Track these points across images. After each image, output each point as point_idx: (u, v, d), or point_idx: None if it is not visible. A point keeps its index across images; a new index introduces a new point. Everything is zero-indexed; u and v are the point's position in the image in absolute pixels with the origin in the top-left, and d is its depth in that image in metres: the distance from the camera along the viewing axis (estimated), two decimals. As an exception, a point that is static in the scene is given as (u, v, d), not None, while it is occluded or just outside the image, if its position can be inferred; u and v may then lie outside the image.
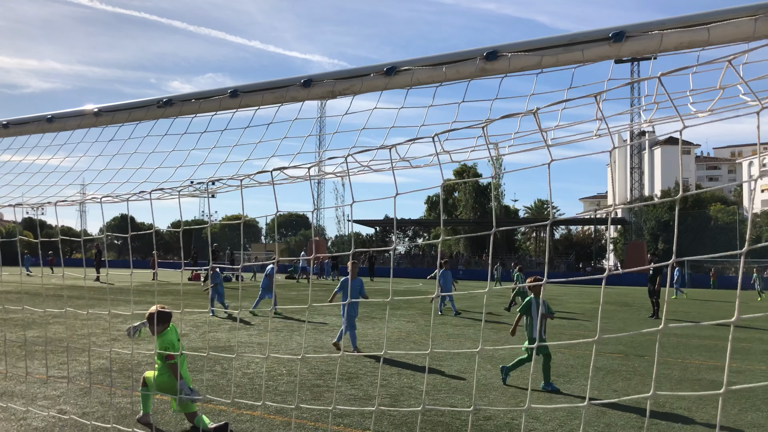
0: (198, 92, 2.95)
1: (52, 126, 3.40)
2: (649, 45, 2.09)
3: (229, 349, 10.95)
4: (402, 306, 21.23)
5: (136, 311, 16.90)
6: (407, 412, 6.80)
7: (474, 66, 2.34)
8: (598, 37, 2.16)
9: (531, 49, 2.24)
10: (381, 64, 2.52)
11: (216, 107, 2.90)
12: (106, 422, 6.09)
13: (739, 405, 7.62)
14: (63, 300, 18.98)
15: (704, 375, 9.47)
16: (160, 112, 3.02)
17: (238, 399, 7.18)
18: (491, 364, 9.85)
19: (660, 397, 7.91)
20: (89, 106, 3.29)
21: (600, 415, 6.94)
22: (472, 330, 14.80)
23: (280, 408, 6.79)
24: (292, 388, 7.82)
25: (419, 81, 2.47)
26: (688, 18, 2.03)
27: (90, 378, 8.06)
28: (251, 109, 2.85)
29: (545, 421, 6.59)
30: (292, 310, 18.30)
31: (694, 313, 21.13)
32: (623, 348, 12.31)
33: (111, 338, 11.72)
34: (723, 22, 1.97)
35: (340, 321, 16.04)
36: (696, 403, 7.66)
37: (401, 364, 9.72)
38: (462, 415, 6.75)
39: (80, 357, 9.66)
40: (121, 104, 3.19)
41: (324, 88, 2.67)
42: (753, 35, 1.93)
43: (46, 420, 6.17)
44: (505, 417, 6.76)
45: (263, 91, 2.79)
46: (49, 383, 7.80)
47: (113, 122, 3.20)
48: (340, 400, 7.30)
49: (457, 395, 7.75)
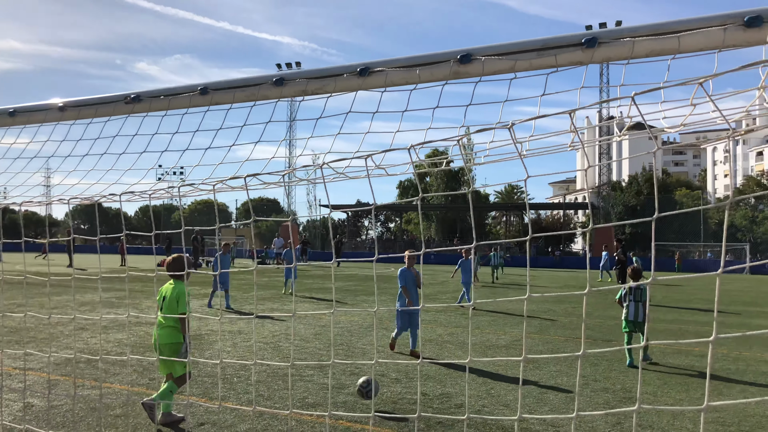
0: (167, 89, 2.89)
1: (15, 120, 3.30)
2: (621, 52, 2.10)
3: (199, 337, 10.86)
4: (388, 291, 21.31)
5: (105, 298, 16.66)
6: (379, 400, 6.85)
7: (448, 69, 2.33)
8: (571, 42, 2.17)
9: (504, 53, 2.24)
10: (354, 64, 2.50)
11: (186, 104, 2.85)
12: (74, 414, 6.02)
13: (702, 389, 7.85)
14: (27, 287, 18.60)
15: (669, 360, 9.71)
16: (129, 108, 2.96)
17: (210, 389, 7.14)
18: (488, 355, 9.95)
19: (626, 382, 8.11)
20: (54, 100, 3.20)
21: (569, 401, 7.08)
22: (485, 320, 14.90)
23: (252, 399, 6.78)
24: (264, 378, 7.81)
25: (393, 82, 2.45)
26: (659, 26, 2.05)
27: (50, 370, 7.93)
28: (223, 107, 2.81)
29: (515, 408, 6.70)
30: (264, 298, 18.23)
31: (659, 297, 21.62)
32: (591, 333, 12.55)
33: (78, 327, 11.54)
34: (693, 31, 1.99)
35: (311, 307, 16.06)
36: (661, 388, 7.87)
37: (371, 352, 9.77)
38: (434, 402, 6.82)
39: (46, 348, 9.49)
40: (88, 99, 3.11)
41: (296, 87, 2.64)
42: (722, 44, 1.97)
43: (12, 414, 6.06)
44: (475, 404, 6.85)
45: (234, 89, 2.74)
46: (13, 376, 7.66)
47: (80, 117, 3.12)
48: (312, 390, 7.32)
49: (429, 382, 7.83)
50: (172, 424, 5.87)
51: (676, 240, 56.87)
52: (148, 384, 7.38)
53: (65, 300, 16.07)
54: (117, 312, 14.01)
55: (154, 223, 46.75)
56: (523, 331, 10.47)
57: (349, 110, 2.65)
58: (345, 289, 22.04)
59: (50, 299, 7.62)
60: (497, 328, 12.90)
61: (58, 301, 15.76)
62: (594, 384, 7.97)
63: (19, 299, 15.80)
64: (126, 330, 11.36)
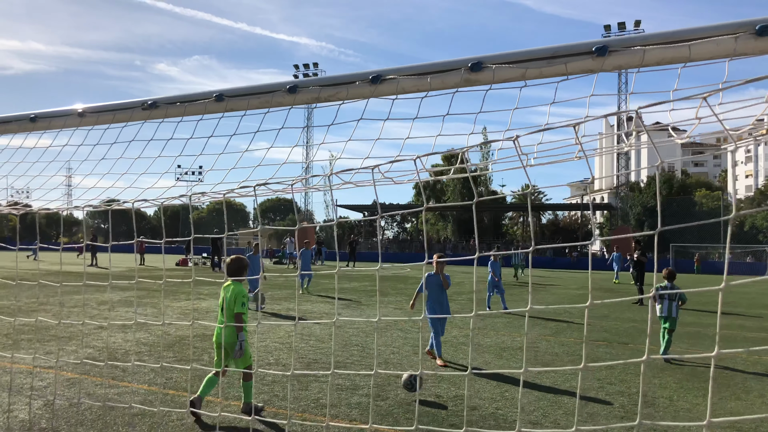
0: (183, 95, 2.94)
1: (36, 125, 3.37)
2: (631, 60, 2.11)
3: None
4: (390, 293, 21.34)
5: (123, 297, 16.87)
6: (393, 402, 6.87)
7: (459, 77, 2.35)
8: (581, 50, 2.17)
9: (515, 60, 2.26)
10: (366, 72, 2.53)
11: (202, 110, 2.89)
12: (94, 413, 6.11)
13: (719, 394, 7.78)
14: (54, 287, 18.89)
15: (686, 363, 9.63)
16: (146, 114, 3.01)
17: (226, 389, 7.21)
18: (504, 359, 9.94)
19: (643, 386, 8.05)
20: (74, 106, 3.27)
21: (582, 405, 7.06)
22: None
23: (269, 400, 6.83)
24: (279, 378, 7.87)
25: (404, 90, 2.48)
26: (670, 34, 2.05)
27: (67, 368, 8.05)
28: (237, 114, 2.86)
29: (529, 411, 6.69)
30: (279, 298, 18.34)
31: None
32: (607, 335, 12.48)
33: (97, 327, 11.70)
34: (704, 39, 1.99)
35: (326, 308, 16.12)
36: (678, 392, 7.80)
37: (387, 353, 9.79)
38: (449, 404, 6.83)
39: (67, 346, 9.64)
40: (106, 105, 3.17)
41: (309, 94, 2.67)
42: (733, 53, 1.96)
43: (33, 412, 6.17)
44: (489, 407, 6.85)
45: (249, 95, 2.78)
46: (35, 374, 7.79)
47: (98, 123, 3.18)
48: (326, 391, 7.36)
49: (443, 384, 7.84)
50: (250, 412, 5.84)
51: (695, 242, 56.20)
52: (164, 383, 7.47)
53: (84, 299, 16.29)
54: (135, 311, 14.17)
55: (166, 225, 47.35)
56: (523, 352, 10.43)
57: (360, 117, 2.69)
58: (360, 290, 22.08)
59: (62, 299, 7.77)
60: (513, 330, 12.87)
61: (78, 300, 15.98)
62: (609, 387, 7.92)
63: (42, 298, 16.06)
64: (145, 330, 11.49)
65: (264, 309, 15.37)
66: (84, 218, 24.94)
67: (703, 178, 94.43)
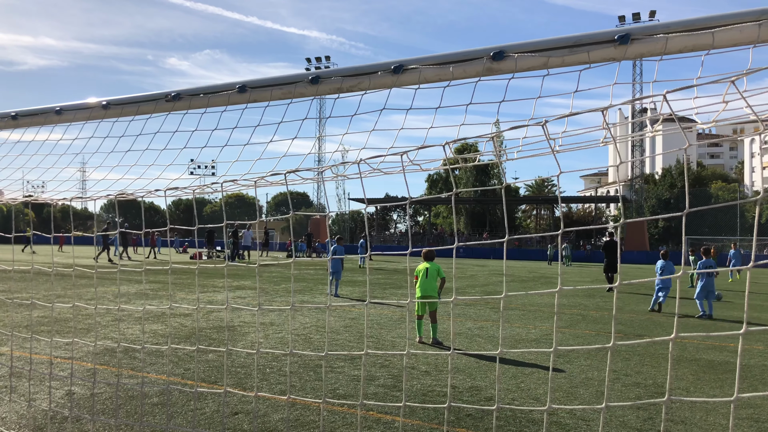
0: (206, 87, 2.98)
1: (61, 118, 3.44)
2: (654, 48, 2.12)
3: (232, 329, 11.07)
4: (404, 285, 21.39)
5: (140, 290, 17.04)
6: (417, 392, 6.91)
7: (481, 65, 2.37)
8: (603, 39, 2.19)
9: (537, 49, 2.27)
10: (388, 62, 2.55)
11: (225, 102, 2.94)
12: (113, 403, 6.21)
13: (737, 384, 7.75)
14: (70, 279, 19.12)
15: (702, 354, 9.59)
16: (169, 106, 3.06)
17: (244, 379, 7.30)
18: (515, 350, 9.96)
19: (658, 377, 8.04)
20: (97, 99, 3.33)
21: (599, 396, 7.06)
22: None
23: (285, 390, 6.90)
24: (296, 369, 7.94)
25: (426, 79, 2.50)
26: (693, 21, 2.06)
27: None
28: (261, 105, 2.90)
29: (545, 402, 6.71)
30: (294, 291, 18.42)
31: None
32: (622, 327, 12.45)
33: (115, 318, 11.85)
34: (727, 26, 2.00)
35: (342, 301, 16.22)
36: (695, 384, 7.79)
37: (403, 345, 9.84)
38: (463, 396, 6.87)
39: (85, 338, 9.78)
40: (130, 97, 3.23)
41: (332, 84, 2.70)
42: (757, 39, 1.97)
43: (54, 401, 6.28)
44: (505, 398, 6.87)
45: (272, 87, 2.82)
46: (55, 364, 7.92)
47: (122, 115, 3.23)
48: (343, 381, 7.42)
49: (459, 375, 7.87)
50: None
51: (710, 234, 55.73)
52: (183, 374, 7.57)
53: (101, 292, 16.49)
54: (152, 303, 14.33)
55: (171, 218, 47.15)
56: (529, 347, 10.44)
57: (383, 107, 2.71)
58: (374, 282, 22.16)
59: (75, 291, 7.87)
60: (527, 322, 12.87)
61: (95, 292, 16.17)
62: (625, 379, 7.92)
63: (58, 290, 16.27)
64: (161, 321, 11.62)
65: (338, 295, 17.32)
66: (99, 212, 25.14)
67: (719, 170, 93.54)
